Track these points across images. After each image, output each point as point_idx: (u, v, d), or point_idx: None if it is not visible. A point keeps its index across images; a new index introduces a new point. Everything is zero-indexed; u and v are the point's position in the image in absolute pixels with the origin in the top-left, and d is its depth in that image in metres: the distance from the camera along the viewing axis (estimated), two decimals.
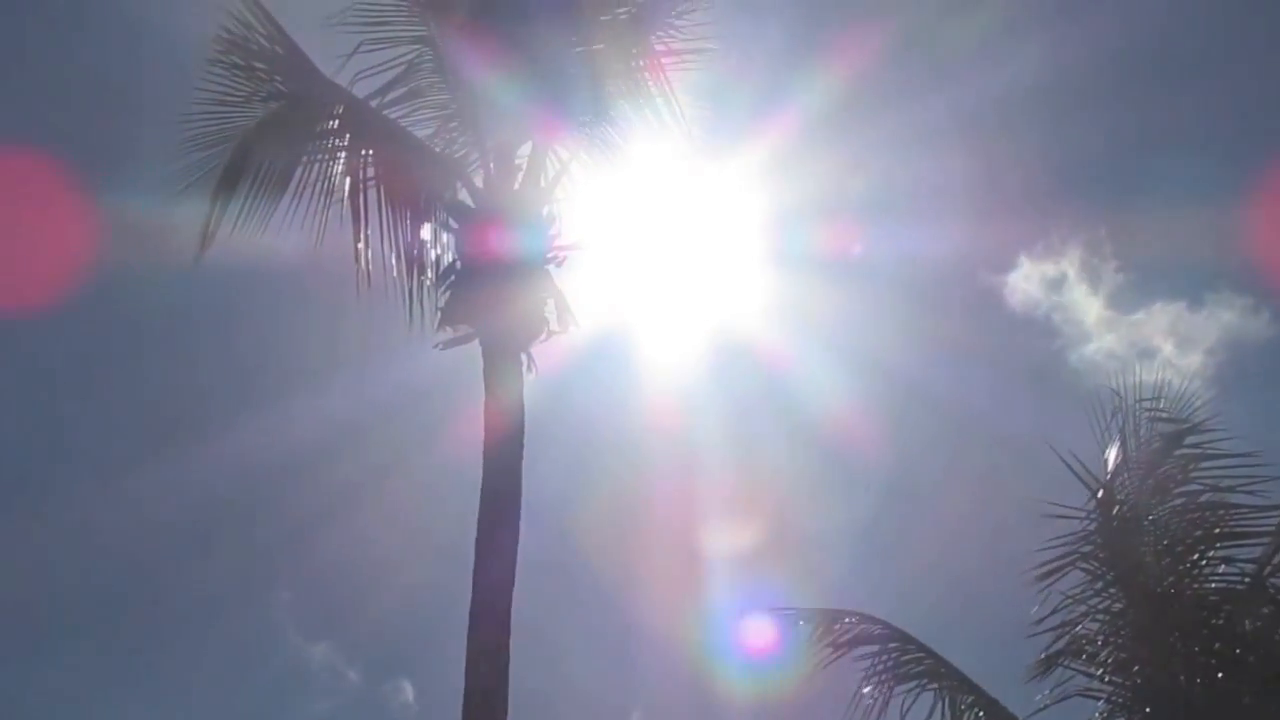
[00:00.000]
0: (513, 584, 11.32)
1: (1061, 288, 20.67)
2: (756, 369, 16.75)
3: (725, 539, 16.73)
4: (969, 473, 17.60)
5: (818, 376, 16.60)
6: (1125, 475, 12.57)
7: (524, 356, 12.00)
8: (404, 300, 11.63)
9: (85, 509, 19.15)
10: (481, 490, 11.59)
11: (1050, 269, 20.56)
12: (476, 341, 12.06)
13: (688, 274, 13.79)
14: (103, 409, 20.30)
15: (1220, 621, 12.13)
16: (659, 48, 12.31)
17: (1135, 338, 20.16)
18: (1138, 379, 12.76)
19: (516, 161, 12.35)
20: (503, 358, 11.92)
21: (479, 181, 12.33)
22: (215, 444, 18.40)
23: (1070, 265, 20.45)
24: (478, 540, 11.43)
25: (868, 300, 17.54)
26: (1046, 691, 12.23)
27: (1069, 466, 12.45)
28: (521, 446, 11.82)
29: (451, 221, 12.10)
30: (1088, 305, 20.64)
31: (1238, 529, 12.17)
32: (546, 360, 12.12)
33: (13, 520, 19.66)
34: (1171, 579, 12.24)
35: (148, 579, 20.81)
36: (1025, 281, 20.63)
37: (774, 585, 16.25)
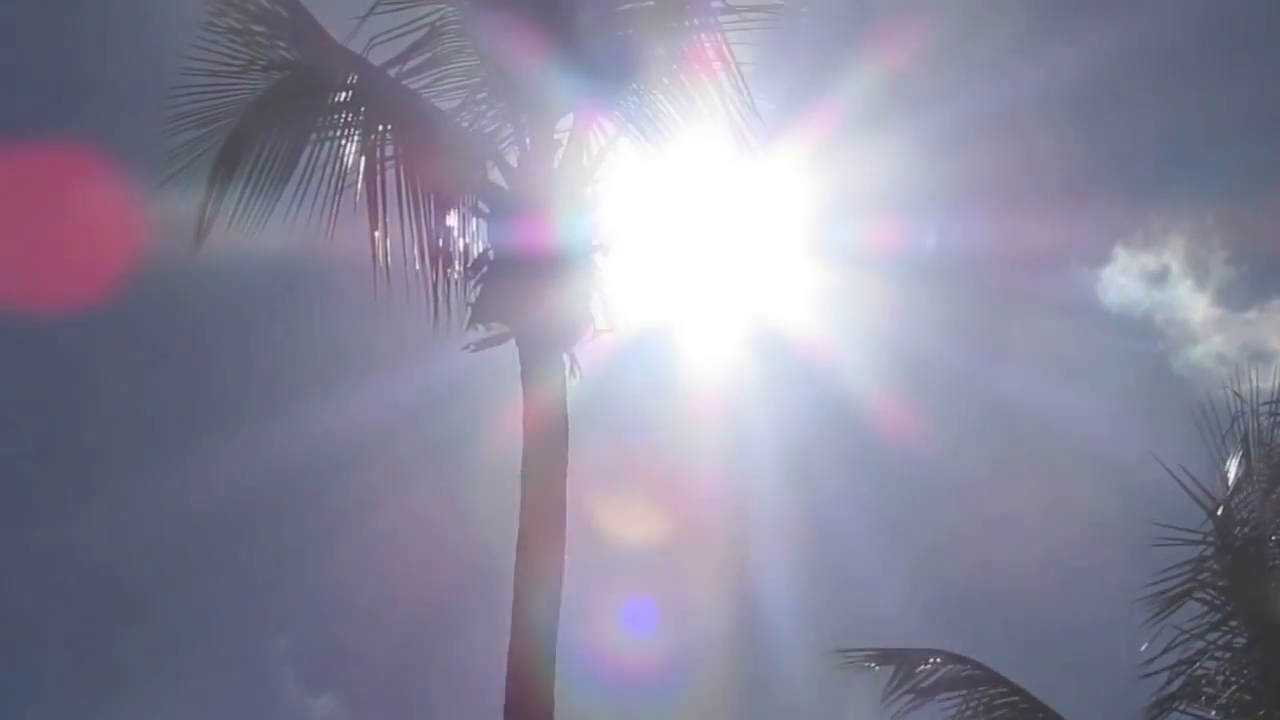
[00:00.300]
0: (558, 624, 9.86)
1: (1163, 283, 19.01)
2: (816, 378, 15.31)
3: (776, 566, 15.37)
4: (1062, 494, 15.88)
5: (884, 385, 15.06)
6: (1246, 491, 11.19)
7: (567, 358, 10.50)
8: (429, 297, 10.10)
9: (56, 533, 17.44)
10: (520, 514, 10.11)
11: (1150, 262, 18.90)
12: (512, 342, 10.54)
13: (740, 268, 12.24)
14: (79, 421, 18.58)
15: None
16: (715, 4, 10.73)
17: (1249, 338, 18.35)
18: (1254, 384, 11.34)
19: (556, 136, 10.77)
20: (543, 360, 10.39)
21: (513, 160, 10.73)
22: (206, 460, 16.74)
23: (1173, 257, 18.82)
24: (517, 572, 9.96)
25: (942, 301, 15.94)
26: None
27: (1181, 484, 11.24)
28: (565, 461, 10.36)
29: (482, 206, 10.53)
30: (1193, 303, 18.92)
31: None
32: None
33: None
34: None
35: (123, 615, 18.85)
36: (1122, 276, 18.98)
37: (836, 618, 15.09)
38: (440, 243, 10.21)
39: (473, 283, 10.45)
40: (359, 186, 10.10)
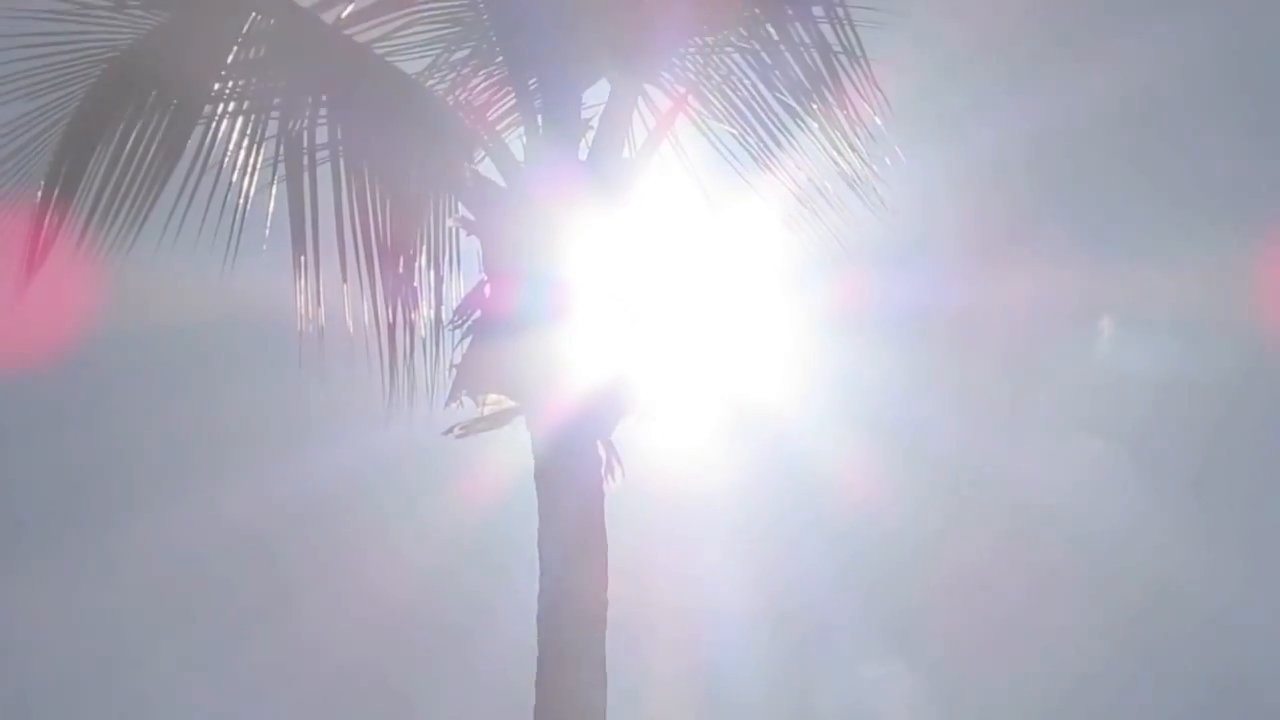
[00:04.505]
0: None
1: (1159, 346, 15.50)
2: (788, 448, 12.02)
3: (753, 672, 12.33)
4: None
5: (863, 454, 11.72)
6: None
7: (603, 449, 6.78)
8: (384, 355, 6.48)
9: None
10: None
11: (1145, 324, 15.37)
12: (521, 423, 6.84)
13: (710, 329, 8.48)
14: None
15: None
16: None
17: None
18: None
19: (585, 113, 7.07)
20: (568, 452, 6.66)
21: (516, 149, 7.04)
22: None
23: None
24: None
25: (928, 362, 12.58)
26: None
27: None
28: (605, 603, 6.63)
29: (468, 215, 6.86)
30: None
31: None
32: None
33: None
34: None
35: None
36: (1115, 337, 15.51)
37: None
38: (401, 271, 6.57)
39: (456, 333, 6.77)
40: (274, 188, 6.54)
